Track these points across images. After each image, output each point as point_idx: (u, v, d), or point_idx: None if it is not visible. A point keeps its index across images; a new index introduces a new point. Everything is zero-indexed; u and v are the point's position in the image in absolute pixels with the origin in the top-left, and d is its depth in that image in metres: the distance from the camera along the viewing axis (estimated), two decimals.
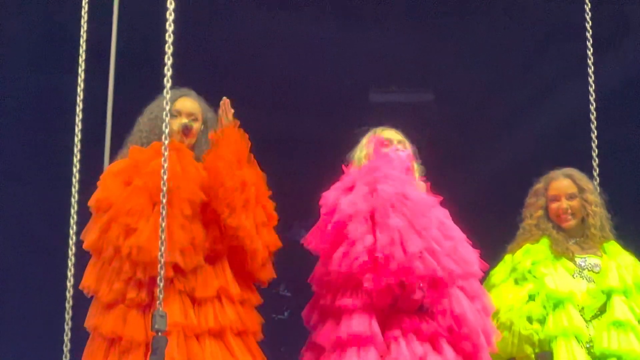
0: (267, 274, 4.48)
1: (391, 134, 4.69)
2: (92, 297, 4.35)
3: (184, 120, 4.50)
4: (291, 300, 7.15)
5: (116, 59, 5.14)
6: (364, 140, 4.70)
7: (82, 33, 4.54)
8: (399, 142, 4.66)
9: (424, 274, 4.19)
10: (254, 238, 4.34)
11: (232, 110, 4.44)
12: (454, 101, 7.16)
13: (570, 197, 4.88)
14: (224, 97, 4.44)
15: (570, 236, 4.88)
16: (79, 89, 4.52)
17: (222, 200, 4.29)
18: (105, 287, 4.24)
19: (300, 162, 6.84)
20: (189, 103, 4.57)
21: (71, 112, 4.50)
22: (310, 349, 4.40)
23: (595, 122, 5.21)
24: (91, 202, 4.36)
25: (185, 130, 4.48)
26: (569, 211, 4.86)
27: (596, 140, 5.19)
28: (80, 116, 4.50)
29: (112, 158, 4.69)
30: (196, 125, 4.53)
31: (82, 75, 4.53)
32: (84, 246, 4.34)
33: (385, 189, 4.29)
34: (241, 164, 4.37)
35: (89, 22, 4.53)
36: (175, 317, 4.15)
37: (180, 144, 4.44)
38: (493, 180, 6.73)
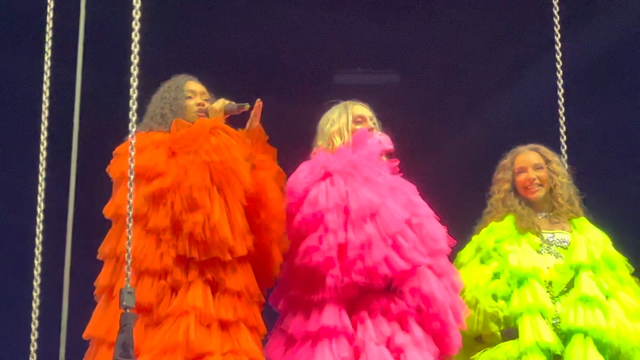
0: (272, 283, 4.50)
1: (363, 110, 4.66)
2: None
3: (200, 99, 4.53)
4: None
5: (84, 44, 5.05)
6: (335, 114, 4.66)
7: (47, 20, 4.42)
8: (371, 118, 4.64)
9: (388, 274, 4.22)
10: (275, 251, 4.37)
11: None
12: (419, 83, 7.15)
13: (537, 167, 4.89)
14: (259, 100, 4.53)
15: (538, 210, 4.87)
16: (45, 77, 4.38)
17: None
18: (152, 254, 4.12)
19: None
20: (199, 84, 4.60)
21: (38, 96, 4.38)
22: (279, 336, 4.38)
23: (563, 103, 5.21)
24: (123, 169, 4.12)
25: (236, 110, 4.48)
26: (536, 181, 4.86)
27: (564, 118, 5.20)
28: (47, 104, 4.36)
29: (81, 142, 4.63)
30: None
31: (49, 62, 4.41)
32: (117, 212, 4.19)
33: (366, 195, 4.28)
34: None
35: (55, 8, 4.42)
36: (197, 302, 4.10)
37: (226, 125, 4.39)
38: (460, 161, 6.74)
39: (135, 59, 3.96)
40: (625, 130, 6.90)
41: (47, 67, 4.38)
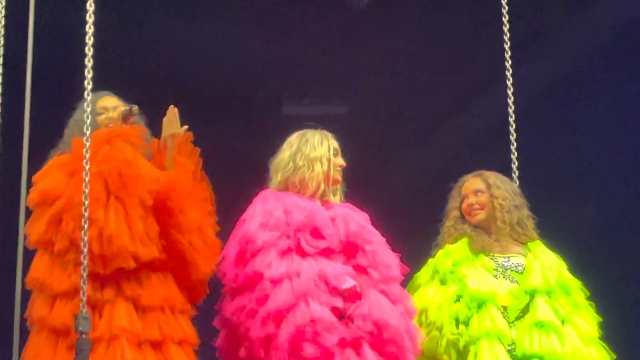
0: (204, 291, 4.48)
1: (336, 144, 4.68)
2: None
3: (111, 115, 4.50)
4: None
5: (33, 67, 4.98)
6: (316, 139, 4.64)
7: None
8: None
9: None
10: (195, 251, 4.33)
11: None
12: (368, 112, 7.14)
13: (477, 192, 4.97)
14: (172, 106, 4.53)
15: (487, 234, 4.91)
16: None
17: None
18: (57, 277, 4.14)
19: (213, 173, 6.71)
20: (111, 100, 4.57)
21: None
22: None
23: (514, 129, 5.28)
24: (32, 197, 4.26)
25: (129, 115, 4.46)
26: (476, 206, 4.94)
27: (515, 143, 5.27)
28: None
29: (31, 165, 4.59)
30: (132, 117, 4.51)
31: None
32: (30, 241, 4.24)
33: (310, 270, 4.26)
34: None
35: (5, 27, 4.48)
36: (123, 322, 4.10)
37: (125, 129, 4.40)
38: (411, 189, 6.73)
39: (88, 85, 4.01)
40: (574, 155, 6.93)
41: None
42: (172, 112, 4.54)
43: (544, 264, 4.80)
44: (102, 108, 4.50)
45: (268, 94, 7.07)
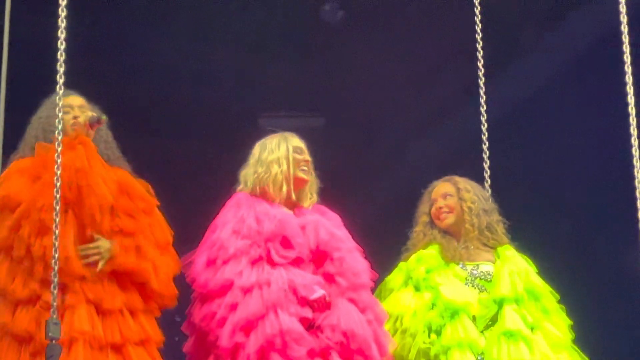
0: (169, 296, 4.41)
1: (301, 143, 4.66)
2: None
3: (77, 112, 4.42)
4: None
5: (8, 69, 4.99)
6: (273, 143, 4.62)
7: None
8: (306, 152, 4.63)
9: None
10: (148, 275, 4.29)
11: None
12: (344, 125, 7.17)
13: (446, 196, 4.98)
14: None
15: (457, 239, 4.91)
16: None
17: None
18: (18, 283, 4.09)
19: (188, 186, 6.75)
20: (77, 98, 4.49)
21: None
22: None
23: (486, 144, 5.31)
24: None
25: (96, 123, 4.38)
26: (444, 209, 4.94)
27: (488, 162, 5.31)
28: None
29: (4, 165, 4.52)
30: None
31: None
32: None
33: (280, 280, 4.26)
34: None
35: None
36: (84, 326, 4.07)
37: (87, 139, 4.33)
38: (386, 200, 6.76)
39: (60, 90, 3.99)
40: (547, 170, 6.99)
41: None
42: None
43: (512, 271, 4.79)
44: (68, 106, 4.39)
45: (243, 106, 7.10)
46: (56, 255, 3.89)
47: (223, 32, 6.88)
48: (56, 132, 3.98)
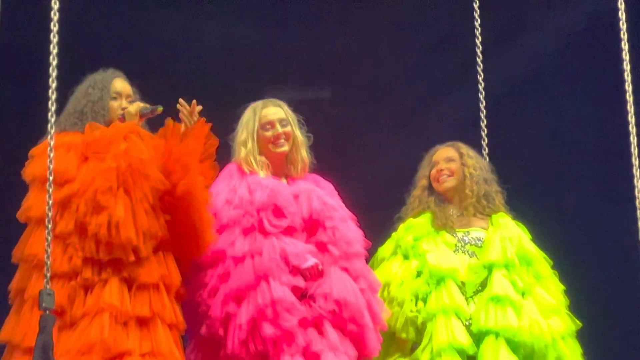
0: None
1: (272, 113, 4.65)
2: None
3: (124, 102, 4.47)
4: None
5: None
6: (244, 118, 4.68)
7: None
8: (282, 121, 4.61)
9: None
10: (203, 206, 4.31)
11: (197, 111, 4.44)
12: (349, 98, 7.17)
13: (449, 160, 4.98)
14: (181, 100, 4.45)
15: (452, 205, 4.92)
16: None
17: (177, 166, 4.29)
18: (58, 257, 4.13)
19: None
20: (126, 84, 4.56)
21: None
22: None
23: (485, 122, 5.39)
24: (34, 172, 4.24)
25: (150, 114, 4.45)
26: (445, 172, 4.94)
27: (486, 139, 5.37)
28: None
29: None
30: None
31: None
32: (29, 216, 4.23)
33: (272, 249, 4.29)
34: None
35: None
36: (113, 299, 4.11)
37: (141, 128, 4.40)
38: (390, 173, 6.80)
39: (54, 60, 3.96)
40: (547, 146, 7.04)
41: None
42: (189, 109, 4.45)
43: (504, 236, 4.78)
44: (116, 93, 4.48)
45: (249, 79, 7.12)
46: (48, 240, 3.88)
47: (228, 5, 6.88)
48: (48, 135, 3.95)
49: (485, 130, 5.37)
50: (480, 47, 5.36)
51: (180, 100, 4.40)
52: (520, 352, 4.60)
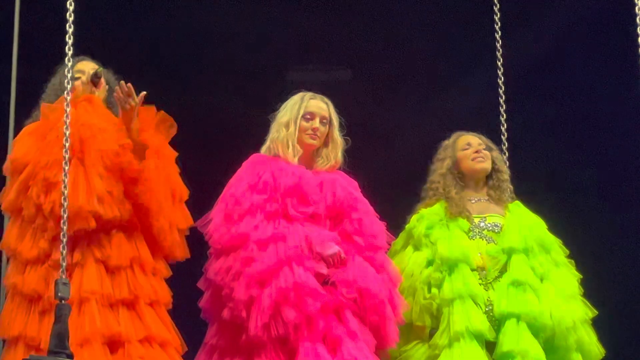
0: (181, 251, 4.53)
1: (317, 107, 4.64)
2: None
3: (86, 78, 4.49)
4: None
5: (19, 37, 5.07)
6: (291, 102, 4.66)
7: None
8: (322, 118, 4.63)
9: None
10: (157, 215, 4.37)
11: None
12: (371, 79, 7.20)
13: (481, 145, 5.00)
14: (122, 82, 4.40)
15: (474, 192, 4.94)
16: None
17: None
18: (27, 244, 4.21)
19: (216, 142, 6.84)
20: (89, 63, 4.56)
21: None
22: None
23: (504, 98, 5.38)
24: (6, 166, 4.33)
25: (95, 77, 4.45)
26: (482, 154, 4.95)
27: (504, 115, 5.37)
28: None
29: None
30: (102, 79, 4.52)
31: None
32: (2, 208, 4.31)
33: (296, 235, 4.30)
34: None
35: None
36: (93, 285, 4.16)
37: (91, 95, 4.43)
38: (410, 157, 6.82)
39: (69, 51, 4.03)
40: (565, 127, 7.05)
41: None
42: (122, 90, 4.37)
43: (523, 223, 4.81)
44: (79, 72, 4.48)
45: (271, 60, 7.14)
46: (65, 215, 3.90)
47: None
48: (65, 92, 4.01)
49: (504, 105, 5.38)
50: (499, 23, 5.38)
51: (121, 82, 4.38)
52: (541, 336, 4.62)
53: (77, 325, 4.07)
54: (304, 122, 4.59)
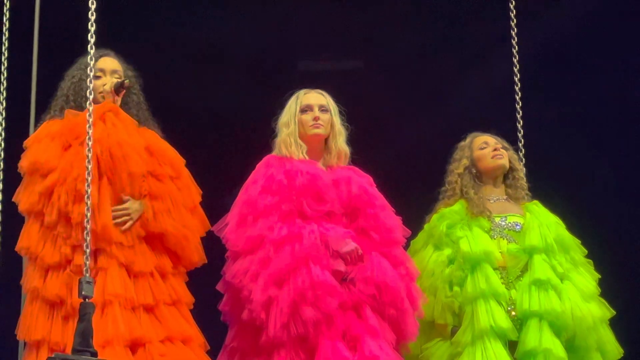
0: (199, 257, 4.54)
1: (313, 99, 4.67)
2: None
3: (108, 78, 4.43)
4: None
5: (40, 30, 5.05)
6: (288, 103, 4.69)
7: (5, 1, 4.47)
8: (321, 107, 4.64)
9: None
10: (181, 238, 4.41)
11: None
12: (382, 69, 7.17)
13: (498, 143, 5.00)
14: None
15: (491, 191, 4.94)
16: (3, 58, 4.47)
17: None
18: (49, 249, 4.18)
19: (228, 134, 6.82)
20: (111, 61, 4.50)
21: None
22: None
23: (519, 85, 5.35)
24: (24, 164, 4.28)
25: (120, 88, 4.41)
26: (500, 150, 4.95)
27: (520, 112, 5.33)
28: (5, 84, 4.46)
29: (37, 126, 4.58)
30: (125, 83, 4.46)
31: (6, 43, 4.49)
32: (20, 209, 4.27)
33: (312, 233, 4.30)
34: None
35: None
36: (117, 289, 4.16)
37: (117, 107, 4.38)
38: (422, 148, 6.80)
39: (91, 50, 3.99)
40: (581, 118, 7.00)
41: (4, 49, 4.48)
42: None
43: (542, 223, 4.83)
44: (100, 71, 4.43)
45: (283, 50, 7.13)
46: (88, 224, 3.91)
47: None
48: (87, 102, 4.00)
49: (520, 94, 5.34)
50: (514, 11, 5.34)
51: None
52: (563, 335, 4.64)
53: (99, 327, 4.06)
54: (303, 116, 4.62)
